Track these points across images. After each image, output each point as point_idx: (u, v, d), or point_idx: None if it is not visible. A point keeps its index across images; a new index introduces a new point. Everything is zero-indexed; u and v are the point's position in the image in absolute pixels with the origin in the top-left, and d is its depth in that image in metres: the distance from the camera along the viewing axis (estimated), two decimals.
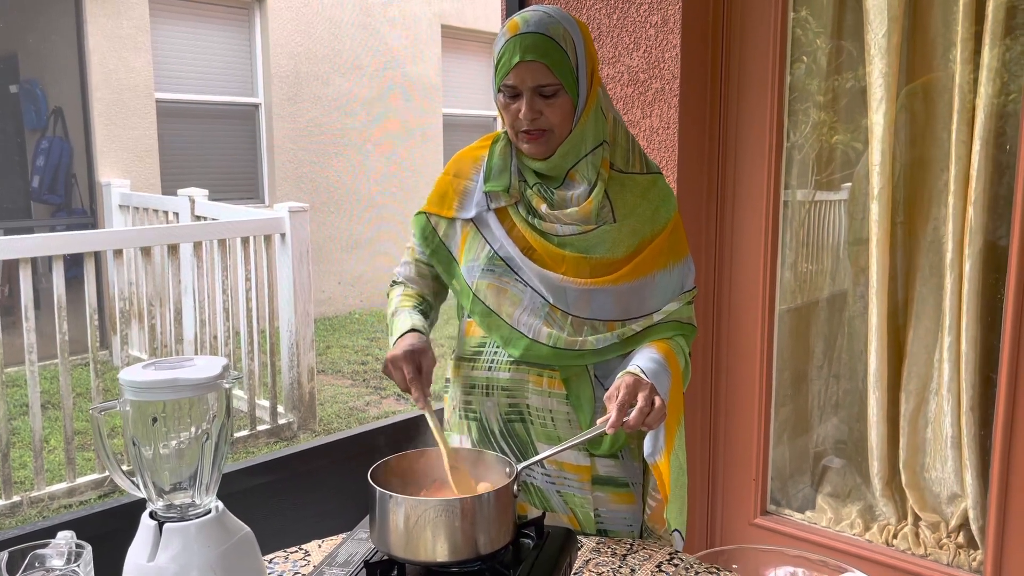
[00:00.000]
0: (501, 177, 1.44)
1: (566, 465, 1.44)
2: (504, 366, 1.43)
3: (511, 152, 1.45)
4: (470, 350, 1.48)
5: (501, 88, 1.37)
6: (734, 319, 2.33)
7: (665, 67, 2.17)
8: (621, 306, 1.41)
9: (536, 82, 1.33)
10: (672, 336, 1.44)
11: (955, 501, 2.15)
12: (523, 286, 1.42)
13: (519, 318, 1.41)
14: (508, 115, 1.38)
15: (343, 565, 1.16)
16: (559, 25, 1.35)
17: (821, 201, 2.40)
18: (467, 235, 1.47)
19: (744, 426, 2.35)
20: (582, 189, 1.40)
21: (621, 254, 1.41)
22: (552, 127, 1.36)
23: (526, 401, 1.43)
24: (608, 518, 1.46)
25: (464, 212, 1.47)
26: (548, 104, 1.35)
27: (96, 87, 6.48)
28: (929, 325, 2.17)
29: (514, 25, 1.35)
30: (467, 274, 1.47)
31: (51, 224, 6.59)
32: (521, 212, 1.43)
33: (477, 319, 1.45)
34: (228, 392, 1.08)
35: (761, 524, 2.36)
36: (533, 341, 1.40)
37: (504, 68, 1.34)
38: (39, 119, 6.52)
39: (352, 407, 5.48)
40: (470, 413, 1.48)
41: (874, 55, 2.11)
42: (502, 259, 1.43)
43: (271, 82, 7.56)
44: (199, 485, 1.07)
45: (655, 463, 1.37)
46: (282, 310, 4.98)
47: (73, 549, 0.96)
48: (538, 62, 1.32)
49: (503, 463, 1.25)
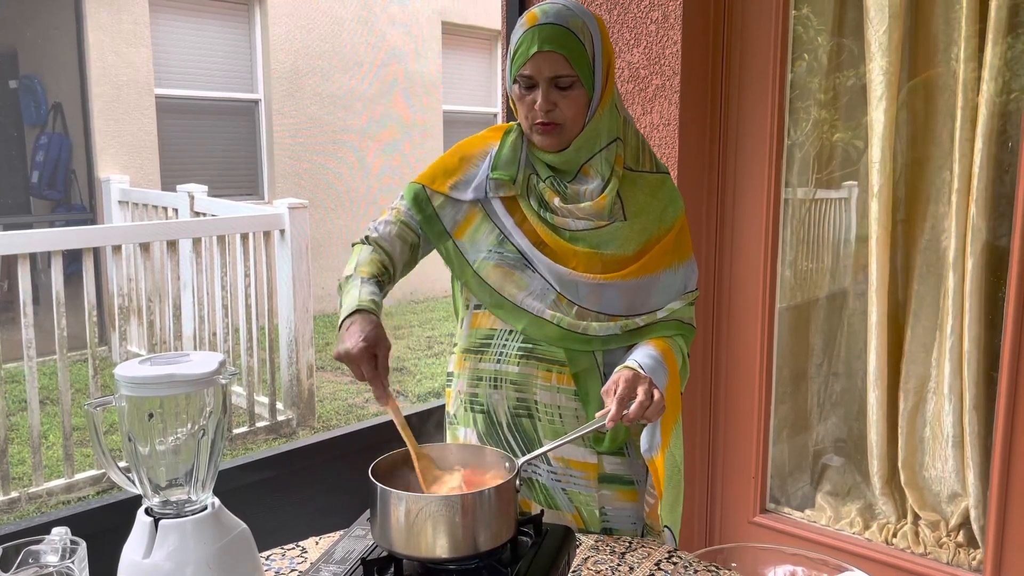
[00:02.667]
0: (509, 168, 1.43)
1: (572, 463, 1.43)
2: (513, 359, 1.42)
3: (522, 145, 1.45)
4: (477, 342, 1.46)
5: (517, 79, 1.36)
6: (734, 316, 2.32)
7: (666, 63, 2.16)
8: (627, 302, 1.41)
9: (553, 72, 1.33)
10: (672, 335, 1.44)
11: (955, 500, 2.15)
12: (532, 273, 1.41)
13: (523, 300, 1.40)
14: (523, 106, 1.38)
15: (340, 562, 1.15)
16: (578, 18, 1.35)
17: (821, 199, 2.39)
18: (474, 216, 1.44)
19: (744, 424, 2.35)
20: (595, 184, 1.40)
21: (631, 251, 1.41)
22: (566, 120, 1.36)
23: (534, 397, 1.42)
24: (613, 516, 1.46)
25: (458, 193, 1.45)
26: (564, 96, 1.34)
27: (96, 82, 6.47)
28: (927, 324, 2.16)
29: (533, 16, 1.35)
30: (468, 252, 1.44)
31: (50, 220, 6.59)
32: (532, 205, 1.42)
33: (473, 287, 1.42)
34: (225, 388, 1.07)
35: (760, 522, 2.35)
36: (537, 317, 1.39)
37: (521, 58, 1.34)
38: (38, 114, 6.51)
39: (351, 404, 5.47)
40: (476, 405, 1.47)
41: (875, 52, 2.10)
42: (515, 247, 1.41)
43: (271, 78, 7.54)
44: (195, 481, 1.07)
45: (651, 459, 1.39)
46: (281, 307, 4.98)
47: (68, 545, 0.96)
48: (556, 53, 1.32)
49: (504, 458, 1.24)
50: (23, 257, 3.80)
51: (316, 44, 7.83)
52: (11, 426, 4.62)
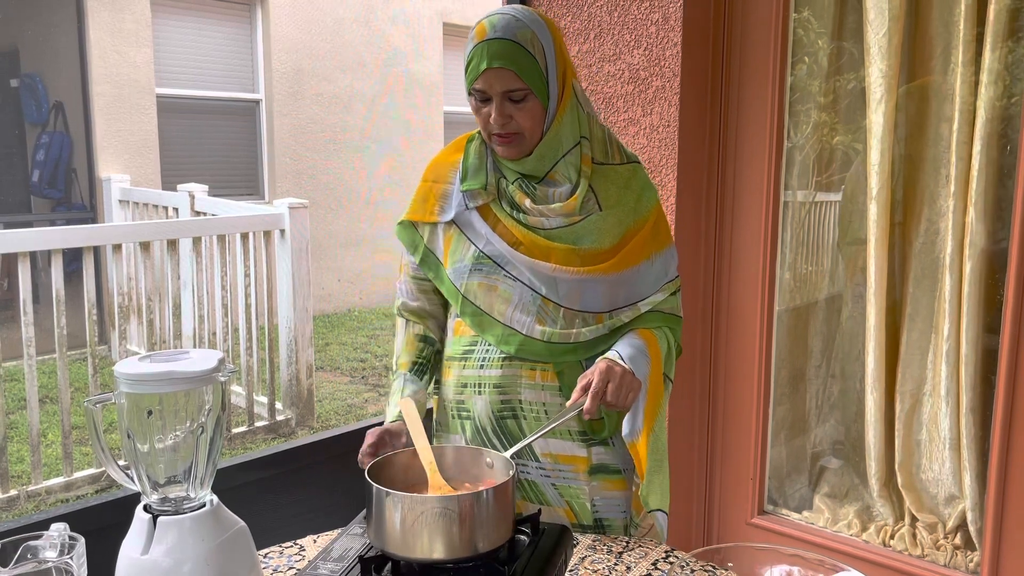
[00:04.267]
0: (478, 175, 1.44)
1: (561, 457, 1.44)
2: (496, 363, 1.43)
3: (486, 151, 1.46)
4: (460, 349, 1.48)
5: (471, 91, 1.37)
6: (733, 318, 2.32)
7: (666, 65, 2.16)
8: (609, 297, 1.43)
9: (505, 87, 1.33)
10: (658, 326, 1.46)
11: (952, 502, 2.15)
12: (513, 281, 1.42)
13: (512, 316, 1.42)
14: (480, 118, 1.40)
15: (338, 560, 1.16)
16: (527, 29, 1.34)
17: (821, 202, 2.40)
18: (451, 238, 1.47)
19: (742, 425, 2.35)
20: (565, 188, 1.41)
21: (608, 244, 1.42)
22: (523, 130, 1.37)
23: (518, 396, 1.43)
24: (603, 506, 1.47)
25: (445, 215, 1.47)
26: (518, 108, 1.35)
27: (97, 82, 6.47)
28: (923, 327, 2.16)
29: (482, 29, 1.35)
30: (454, 276, 1.46)
31: (51, 218, 6.59)
32: (505, 208, 1.43)
33: (468, 320, 1.45)
34: (224, 385, 1.07)
35: (758, 524, 2.36)
36: (527, 337, 1.41)
37: (473, 73, 1.35)
38: (40, 113, 6.51)
39: (350, 404, 5.47)
40: (463, 412, 1.48)
41: (875, 55, 2.10)
42: (489, 257, 1.43)
43: (272, 78, 7.55)
44: (194, 479, 1.07)
45: (632, 443, 1.40)
46: (281, 306, 4.98)
47: (66, 541, 0.96)
48: (506, 69, 1.32)
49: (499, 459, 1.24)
50: (23, 255, 3.80)
51: (317, 44, 7.83)
52: (10, 424, 4.62)
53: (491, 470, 1.25)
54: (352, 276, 8.22)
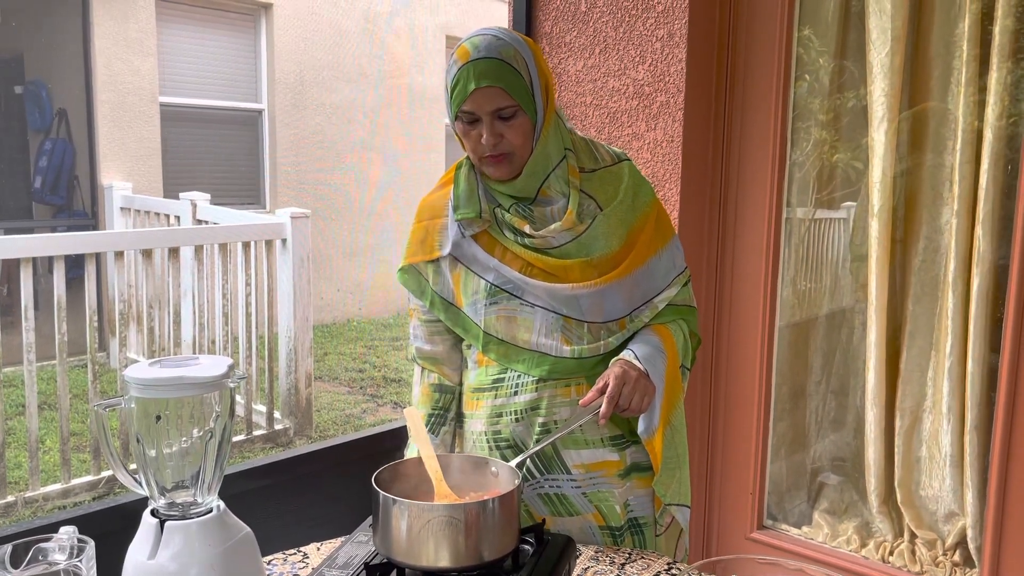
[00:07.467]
0: (470, 203, 1.43)
1: (592, 466, 1.44)
2: (529, 387, 1.42)
3: (476, 178, 1.45)
4: (489, 380, 1.46)
5: (459, 115, 1.36)
6: (734, 333, 2.33)
7: (671, 80, 2.18)
8: (628, 300, 1.44)
9: (494, 106, 1.33)
10: (673, 320, 1.48)
11: (952, 519, 2.16)
12: (531, 308, 1.41)
13: (537, 341, 1.42)
14: (469, 141, 1.38)
15: (343, 567, 1.16)
16: (510, 47, 1.35)
17: (821, 219, 2.41)
18: (459, 276, 1.46)
19: (742, 440, 2.36)
20: (560, 203, 1.41)
21: (617, 246, 1.43)
22: (514, 149, 1.37)
23: (554, 417, 1.42)
24: (636, 504, 1.47)
25: (446, 249, 1.46)
26: (508, 126, 1.35)
27: (101, 89, 6.50)
28: (923, 344, 2.17)
29: (464, 51, 1.35)
30: (472, 314, 1.45)
31: (52, 225, 6.59)
32: (508, 236, 1.42)
33: (494, 355, 1.44)
34: (232, 392, 1.08)
35: (757, 539, 2.36)
36: (558, 358, 1.41)
37: (460, 95, 1.34)
38: (43, 120, 6.53)
39: (349, 414, 5.47)
40: (502, 442, 1.46)
41: (876, 74, 2.12)
42: (502, 288, 1.42)
43: (275, 88, 7.58)
44: (202, 484, 1.08)
45: (647, 440, 1.41)
46: (281, 316, 4.98)
47: (76, 544, 0.96)
48: (495, 87, 1.32)
49: (504, 468, 1.25)
50: (25, 262, 3.81)
51: (320, 55, 7.87)
52: (9, 430, 4.61)
53: (496, 479, 1.25)
54: (352, 286, 8.22)
